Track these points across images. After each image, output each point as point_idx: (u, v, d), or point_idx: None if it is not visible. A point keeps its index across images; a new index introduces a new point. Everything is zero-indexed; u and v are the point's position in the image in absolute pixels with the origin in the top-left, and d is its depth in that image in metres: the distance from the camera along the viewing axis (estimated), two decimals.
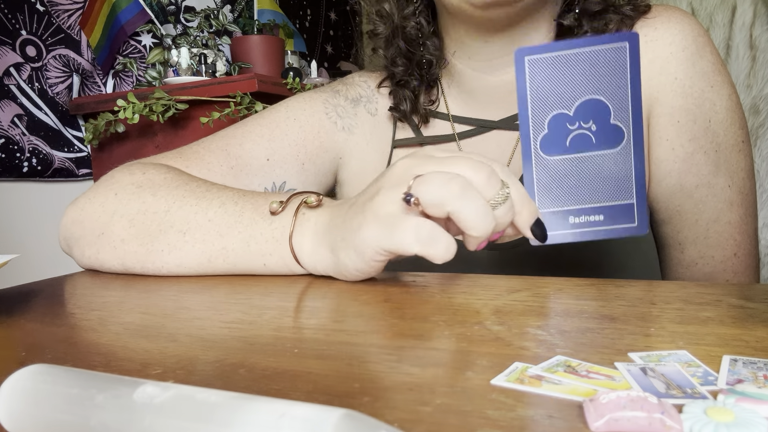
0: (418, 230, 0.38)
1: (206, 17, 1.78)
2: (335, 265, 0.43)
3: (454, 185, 0.37)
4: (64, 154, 1.60)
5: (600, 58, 0.37)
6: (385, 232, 0.39)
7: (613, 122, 0.38)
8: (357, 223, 0.41)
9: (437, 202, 0.37)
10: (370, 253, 0.40)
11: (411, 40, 0.63)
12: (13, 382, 0.21)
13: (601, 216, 0.39)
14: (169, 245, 0.49)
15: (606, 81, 0.37)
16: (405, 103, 0.66)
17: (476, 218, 0.37)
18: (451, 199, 0.37)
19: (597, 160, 0.38)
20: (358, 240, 0.40)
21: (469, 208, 0.37)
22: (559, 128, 0.38)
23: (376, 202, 0.40)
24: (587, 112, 0.38)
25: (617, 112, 0.38)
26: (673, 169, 0.59)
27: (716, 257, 0.60)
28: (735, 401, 0.21)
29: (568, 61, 0.37)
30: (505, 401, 0.22)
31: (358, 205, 0.42)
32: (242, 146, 0.64)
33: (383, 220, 0.39)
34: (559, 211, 0.39)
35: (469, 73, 0.63)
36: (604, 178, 0.39)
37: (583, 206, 0.39)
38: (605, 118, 0.38)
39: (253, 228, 0.47)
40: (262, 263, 0.47)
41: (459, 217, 0.37)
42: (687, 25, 0.58)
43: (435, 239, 0.37)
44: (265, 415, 0.18)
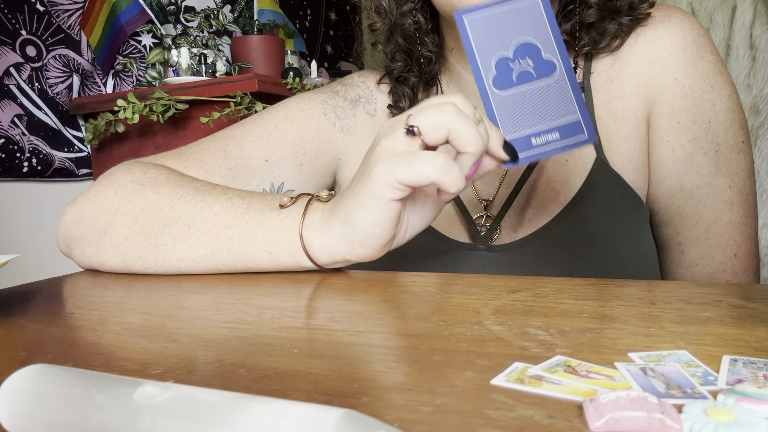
0: (434, 159, 0.39)
1: (206, 17, 1.78)
2: (349, 236, 0.43)
3: (448, 107, 0.40)
4: (64, 154, 1.60)
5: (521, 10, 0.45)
6: (400, 164, 0.40)
7: (545, 57, 0.45)
8: (368, 172, 0.42)
9: (437, 123, 0.40)
10: (387, 190, 0.40)
11: (409, 37, 0.63)
12: (13, 382, 0.21)
13: (557, 133, 0.45)
14: (173, 239, 0.49)
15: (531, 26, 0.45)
16: (404, 101, 0.66)
17: (472, 134, 0.40)
18: (449, 119, 0.40)
19: (541, 89, 0.45)
20: (373, 182, 0.41)
21: (465, 125, 0.40)
22: (504, 68, 0.45)
23: (381, 147, 0.42)
24: (523, 52, 0.45)
25: (546, 49, 0.45)
26: (673, 170, 0.59)
27: (716, 258, 0.60)
28: (735, 401, 0.21)
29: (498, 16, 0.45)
30: (505, 401, 0.22)
31: (362, 164, 0.44)
32: (241, 147, 0.64)
33: (394, 157, 0.40)
34: (521, 136, 0.45)
35: (467, 77, 0.63)
36: (551, 102, 0.45)
37: (540, 128, 0.45)
38: (538, 55, 0.45)
39: (261, 218, 0.47)
40: (268, 252, 0.47)
41: (457, 133, 0.40)
42: (687, 26, 0.58)
43: (450, 167, 0.39)
44: (264, 415, 0.18)
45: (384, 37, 0.66)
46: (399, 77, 0.66)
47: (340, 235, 0.44)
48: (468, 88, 0.64)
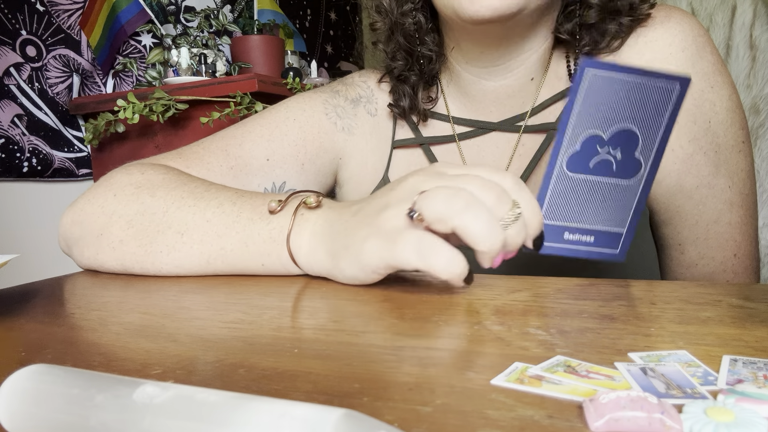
0: (419, 243, 0.37)
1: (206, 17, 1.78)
2: (332, 269, 0.43)
3: (458, 199, 0.36)
4: (64, 154, 1.60)
5: (649, 92, 0.37)
6: (387, 246, 0.38)
7: (636, 155, 0.38)
8: (362, 236, 0.40)
9: (440, 217, 0.37)
10: (372, 266, 0.40)
11: (409, 36, 0.63)
12: (13, 382, 0.21)
13: (591, 237, 0.40)
14: (168, 246, 0.49)
15: (645, 114, 0.37)
16: (404, 100, 0.66)
17: (482, 232, 0.36)
18: (455, 213, 0.36)
19: (610, 186, 0.39)
20: (362, 252, 0.40)
21: (474, 222, 0.36)
22: (589, 149, 0.38)
23: (382, 217, 0.40)
24: (619, 140, 0.38)
25: (644, 146, 0.38)
26: (672, 170, 0.59)
27: (716, 258, 0.60)
28: (735, 401, 0.21)
29: (623, 86, 0.37)
30: (505, 401, 0.22)
31: (364, 215, 0.42)
32: (242, 146, 0.64)
33: (387, 234, 0.39)
34: (558, 225, 0.40)
35: (467, 77, 0.63)
36: (608, 204, 0.39)
37: (581, 226, 0.40)
38: (631, 150, 0.38)
39: (251, 228, 0.47)
40: (260, 263, 0.47)
41: (464, 232, 0.36)
42: (687, 25, 0.58)
43: (436, 252, 0.37)
44: (264, 415, 0.18)
45: (385, 36, 0.66)
46: (399, 76, 0.66)
47: (323, 263, 0.44)
48: (467, 89, 0.64)
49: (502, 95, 0.62)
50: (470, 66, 0.62)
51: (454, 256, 0.37)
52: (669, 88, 0.37)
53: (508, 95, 0.62)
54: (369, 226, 0.40)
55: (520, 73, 0.61)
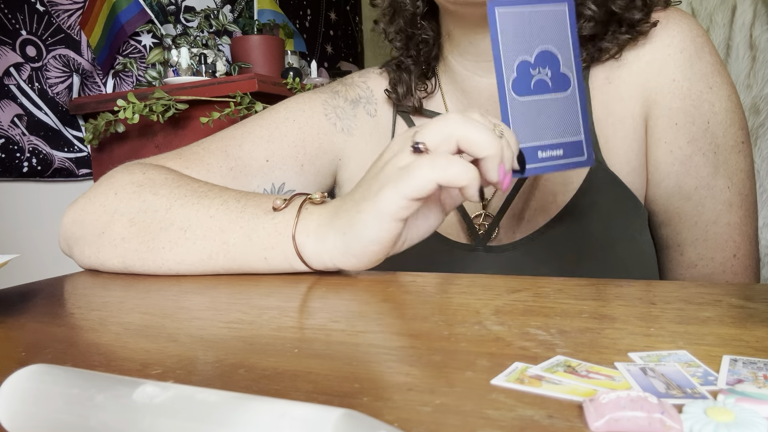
0: (433, 160, 0.39)
1: (206, 17, 1.78)
2: (345, 247, 0.43)
3: (453, 117, 0.40)
4: (64, 154, 1.60)
5: (549, 16, 0.44)
6: (403, 180, 0.39)
7: (562, 70, 0.44)
8: (375, 190, 0.41)
9: (444, 135, 0.39)
10: (391, 208, 0.40)
11: (408, 19, 0.64)
12: (13, 382, 0.21)
13: (560, 151, 0.45)
14: (170, 242, 0.49)
15: (554, 35, 0.44)
16: (401, 86, 0.66)
17: (484, 137, 0.39)
18: (455, 127, 0.39)
19: (553, 102, 0.44)
20: (379, 201, 0.40)
21: (474, 130, 0.39)
22: (524, 73, 0.43)
23: (388, 167, 0.41)
24: (543, 60, 0.44)
25: (564, 62, 0.44)
26: (671, 171, 0.59)
27: (716, 259, 0.60)
28: (735, 401, 0.21)
29: (527, 16, 0.43)
30: (505, 401, 0.22)
31: (367, 180, 0.43)
32: (241, 147, 0.64)
33: (399, 173, 0.40)
34: (530, 146, 0.44)
35: (462, 73, 0.63)
36: (560, 117, 0.45)
37: (548, 142, 0.44)
38: (556, 67, 0.44)
39: (255, 222, 0.47)
40: (264, 257, 0.47)
41: (468, 140, 0.39)
42: (685, 26, 0.58)
43: (450, 162, 0.38)
44: (265, 415, 0.18)
45: (387, 17, 0.66)
46: (398, 63, 0.67)
47: (334, 245, 0.44)
48: (462, 84, 0.64)
49: (495, 95, 0.62)
50: (462, 59, 0.62)
51: (467, 165, 0.39)
52: (561, 9, 0.44)
53: None
54: (378, 181, 0.42)
55: None
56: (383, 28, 0.68)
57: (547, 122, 0.44)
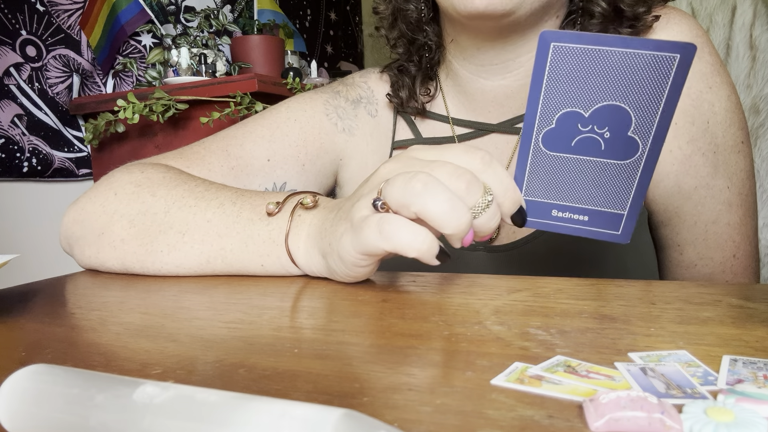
0: (381, 225, 0.37)
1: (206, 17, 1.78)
2: (327, 268, 0.44)
3: (416, 183, 0.36)
4: (64, 154, 1.60)
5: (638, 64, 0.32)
6: (355, 235, 0.38)
7: (630, 135, 0.35)
8: (340, 232, 0.41)
9: (402, 202, 0.36)
10: (351, 260, 0.40)
11: (411, 24, 0.64)
12: (13, 382, 0.21)
13: (585, 217, 0.38)
14: (169, 246, 0.49)
15: (637, 90, 0.33)
16: (403, 90, 0.66)
17: (442, 213, 0.35)
18: (413, 197, 0.35)
19: (601, 166, 0.36)
20: (340, 247, 0.40)
21: (433, 203, 0.35)
22: (568, 127, 0.35)
23: (353, 210, 0.40)
24: (605, 117, 0.34)
25: (639, 125, 0.34)
26: (671, 171, 0.59)
27: (715, 259, 0.60)
28: (735, 401, 0.21)
29: (600, 58, 0.33)
30: (505, 401, 0.22)
31: (343, 211, 0.42)
32: (243, 147, 0.64)
33: (356, 225, 0.39)
34: (543, 202, 0.38)
35: (466, 75, 0.63)
36: (602, 185, 0.37)
37: (571, 204, 0.38)
38: (623, 129, 0.35)
39: (251, 229, 0.47)
40: (260, 264, 0.47)
41: (425, 215, 0.36)
42: (685, 26, 0.58)
43: (397, 230, 0.36)
44: (264, 415, 0.18)
45: (388, 22, 0.66)
46: (399, 67, 0.66)
47: (319, 263, 0.44)
48: (464, 86, 0.64)
49: (501, 96, 0.62)
50: (467, 63, 0.62)
51: (418, 232, 0.36)
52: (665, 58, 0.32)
53: (507, 96, 0.62)
54: (345, 221, 0.41)
55: (519, 75, 0.61)
56: (385, 34, 0.67)
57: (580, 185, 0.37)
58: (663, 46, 0.32)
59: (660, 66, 0.32)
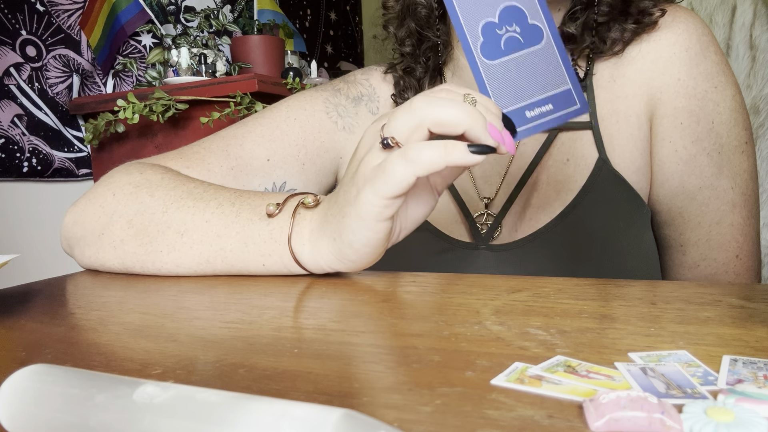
0: (403, 155, 0.37)
1: (206, 17, 1.78)
2: (339, 253, 0.43)
3: (417, 101, 0.37)
4: (64, 154, 1.60)
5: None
6: (377, 180, 0.38)
7: (530, 22, 0.43)
8: (353, 194, 0.40)
9: (412, 125, 0.37)
10: (373, 210, 0.39)
11: (421, 21, 0.63)
12: (13, 382, 0.21)
13: (550, 105, 0.43)
14: (168, 246, 0.49)
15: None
16: (409, 92, 0.66)
17: (454, 110, 0.36)
18: (420, 112, 0.37)
19: (529, 57, 0.43)
20: (360, 205, 0.39)
21: (441, 106, 0.37)
22: (491, 35, 0.42)
23: (362, 166, 0.40)
24: (508, 16, 0.43)
25: (531, 14, 0.43)
26: (675, 171, 0.59)
27: (718, 259, 0.60)
28: (735, 401, 0.21)
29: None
30: (505, 401, 0.22)
31: (345, 184, 0.42)
32: (242, 146, 0.64)
33: (372, 173, 0.39)
34: (515, 109, 0.42)
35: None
36: (540, 71, 0.43)
37: (533, 99, 0.43)
38: (524, 20, 0.43)
39: (251, 228, 0.47)
40: (261, 263, 0.47)
41: (438, 121, 0.37)
42: (691, 25, 0.57)
43: (420, 148, 0.36)
44: (265, 415, 0.18)
45: (396, 21, 0.66)
46: (406, 68, 0.66)
47: (329, 251, 0.44)
48: (471, 82, 0.64)
49: None
50: None
51: (441, 143, 0.36)
52: None
53: None
54: (355, 184, 0.41)
55: None
56: (393, 32, 0.67)
57: (528, 79, 0.43)
58: None
59: None
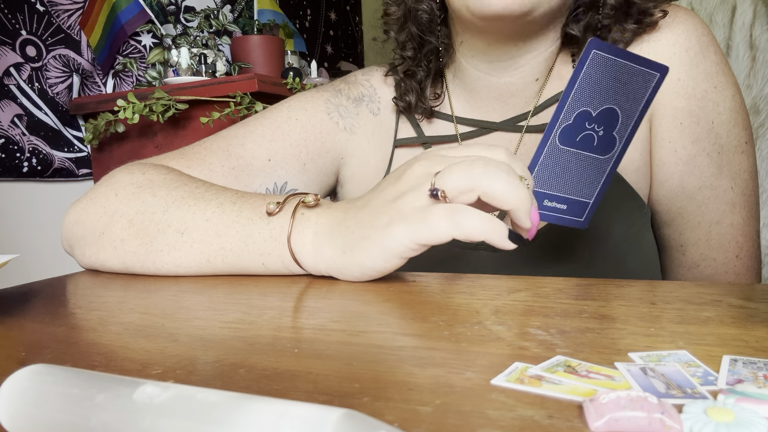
0: (452, 213, 0.38)
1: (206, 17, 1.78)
2: (343, 267, 0.43)
3: (477, 167, 0.38)
4: (64, 154, 1.60)
5: (634, 76, 0.40)
6: (417, 225, 0.39)
7: (614, 133, 0.42)
8: (384, 223, 0.41)
9: (465, 187, 0.38)
10: (399, 249, 0.40)
11: (422, 25, 0.63)
12: (13, 382, 0.21)
13: (564, 206, 0.43)
14: (168, 245, 0.49)
15: (628, 96, 0.40)
16: (410, 95, 0.66)
17: (508, 189, 0.38)
18: (477, 179, 0.38)
19: (588, 161, 0.42)
20: (387, 238, 0.40)
21: (498, 181, 0.38)
22: (579, 124, 0.41)
23: (401, 202, 0.41)
24: (604, 118, 0.41)
25: (621, 125, 0.41)
26: (675, 171, 0.59)
27: (718, 259, 0.60)
28: (735, 401, 0.21)
29: (617, 68, 0.40)
30: (505, 401, 0.22)
31: (378, 205, 0.42)
32: (244, 146, 0.64)
33: (413, 215, 0.40)
34: (541, 192, 0.42)
35: (473, 73, 0.63)
36: (585, 177, 0.43)
37: (559, 194, 0.43)
38: (611, 128, 0.41)
39: (251, 227, 0.47)
40: (261, 263, 0.47)
41: (491, 194, 0.38)
42: (691, 25, 0.57)
43: (469, 216, 0.38)
44: (265, 415, 0.18)
45: (397, 24, 0.66)
46: (407, 71, 0.66)
47: (332, 260, 0.44)
48: (472, 84, 0.64)
49: (506, 93, 0.62)
50: (476, 60, 0.62)
51: (488, 217, 0.38)
52: (651, 74, 0.41)
53: (512, 94, 0.62)
54: (388, 214, 0.41)
55: (525, 72, 0.61)
56: (394, 36, 0.67)
57: (571, 178, 0.42)
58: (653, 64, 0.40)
59: (647, 80, 0.41)
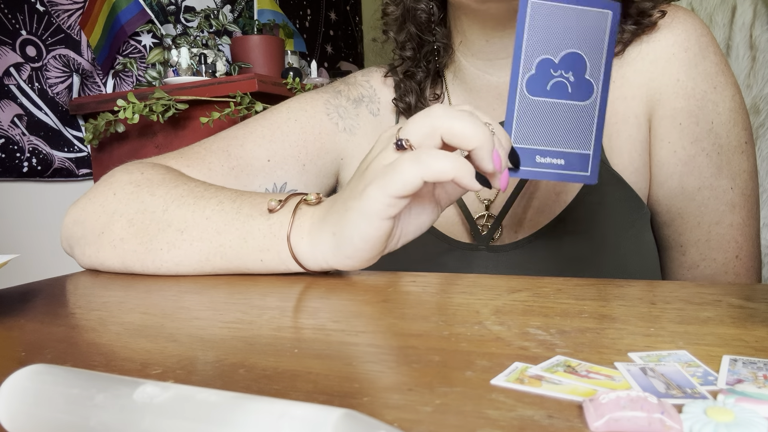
0: (416, 158, 0.38)
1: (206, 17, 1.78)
2: (337, 248, 0.43)
3: (437, 109, 0.38)
4: (64, 154, 1.60)
5: (588, 18, 0.41)
6: (387, 178, 0.39)
7: (587, 77, 0.42)
8: (360, 187, 0.41)
9: (427, 130, 0.38)
10: (377, 207, 0.39)
11: (421, 25, 0.64)
12: (13, 382, 0.21)
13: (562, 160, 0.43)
14: (168, 244, 0.49)
15: (588, 39, 0.41)
16: (410, 95, 0.66)
17: (468, 125, 0.37)
18: (438, 121, 0.38)
19: (568, 109, 0.42)
20: (364, 200, 0.40)
21: (459, 120, 0.38)
22: (543, 72, 0.41)
23: (375, 162, 0.41)
24: (569, 62, 0.42)
25: (591, 69, 0.42)
26: (674, 172, 0.59)
27: (718, 259, 0.60)
28: (735, 401, 0.21)
29: (563, 13, 0.41)
30: (505, 401, 0.22)
31: (354, 179, 0.43)
32: (243, 147, 0.64)
33: (383, 171, 0.39)
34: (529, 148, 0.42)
35: (473, 72, 0.63)
36: (571, 126, 0.42)
37: (550, 148, 0.42)
38: (581, 72, 0.42)
39: (251, 224, 0.47)
40: (259, 259, 0.47)
41: (452, 132, 0.38)
42: (690, 25, 0.57)
43: (434, 156, 0.37)
44: (264, 415, 0.18)
45: (396, 25, 0.66)
46: (406, 72, 0.66)
47: (327, 245, 0.44)
48: (471, 84, 0.64)
49: (505, 92, 0.62)
50: (475, 59, 0.62)
51: (453, 156, 0.37)
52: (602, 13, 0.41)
53: None
54: (365, 178, 0.41)
55: None
56: (393, 37, 0.67)
57: (555, 128, 0.42)
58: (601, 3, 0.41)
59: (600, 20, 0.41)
